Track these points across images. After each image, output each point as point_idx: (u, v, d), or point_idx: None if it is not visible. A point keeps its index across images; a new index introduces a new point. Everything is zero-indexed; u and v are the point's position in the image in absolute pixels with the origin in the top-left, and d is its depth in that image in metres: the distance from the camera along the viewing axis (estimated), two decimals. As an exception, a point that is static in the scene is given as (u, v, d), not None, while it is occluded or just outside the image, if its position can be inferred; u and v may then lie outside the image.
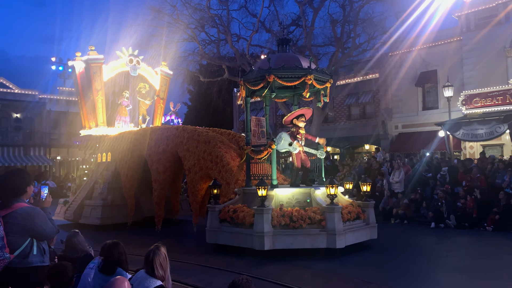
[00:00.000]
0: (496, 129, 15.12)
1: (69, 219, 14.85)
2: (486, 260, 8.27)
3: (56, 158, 36.09)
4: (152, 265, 3.44)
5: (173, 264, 8.69)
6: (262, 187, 8.87)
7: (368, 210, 10.01)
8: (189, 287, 6.92)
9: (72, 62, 15.93)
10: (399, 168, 14.71)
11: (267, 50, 24.70)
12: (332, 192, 8.99)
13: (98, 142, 15.47)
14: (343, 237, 8.88)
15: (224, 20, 23.25)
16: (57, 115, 35.84)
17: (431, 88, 23.07)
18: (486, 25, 19.49)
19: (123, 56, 16.42)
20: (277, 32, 23.16)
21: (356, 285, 6.89)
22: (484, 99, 16.56)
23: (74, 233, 5.15)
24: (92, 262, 4.45)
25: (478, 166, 13.73)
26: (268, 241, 8.72)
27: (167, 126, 13.49)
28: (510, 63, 18.95)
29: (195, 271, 8.03)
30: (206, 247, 10.04)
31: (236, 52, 23.49)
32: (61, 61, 38.18)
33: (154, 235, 12.58)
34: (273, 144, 9.83)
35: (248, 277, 3.04)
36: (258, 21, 23.03)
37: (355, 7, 21.67)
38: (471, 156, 17.05)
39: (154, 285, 3.35)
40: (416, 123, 23.16)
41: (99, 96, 15.38)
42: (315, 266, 7.94)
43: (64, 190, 28.74)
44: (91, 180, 15.32)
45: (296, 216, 8.91)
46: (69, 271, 3.73)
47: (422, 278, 7.20)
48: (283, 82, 9.95)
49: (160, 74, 17.55)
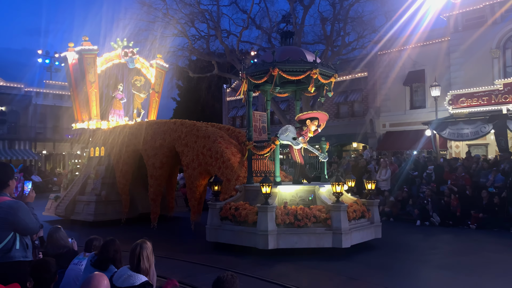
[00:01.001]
0: (481, 129, 15.26)
1: (60, 215, 14.38)
2: (469, 258, 8.41)
3: (42, 153, 35.47)
4: (138, 258, 3.41)
5: (173, 262, 8.44)
6: (266, 184, 8.57)
7: (372, 209, 9.78)
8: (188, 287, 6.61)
9: (65, 53, 15.39)
10: (386, 167, 14.72)
11: (257, 46, 24.80)
12: (338, 190, 8.73)
13: (92, 136, 14.99)
14: (349, 236, 8.63)
15: (214, 16, 23.15)
16: (44, 109, 35.22)
17: (419, 88, 23.33)
18: (473, 26, 19.79)
19: (117, 47, 15.93)
20: (267, 29, 23.50)
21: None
22: (470, 99, 16.81)
23: (56, 229, 5.05)
24: (77, 258, 4.39)
25: (463, 165, 13.85)
26: (272, 240, 8.43)
27: (164, 120, 13.10)
28: (496, 64, 19.22)
29: (197, 271, 7.71)
30: (206, 245, 9.71)
31: (226, 48, 23.37)
32: (48, 54, 37.61)
33: (150, 232, 12.21)
34: (277, 140, 9.54)
35: (233, 273, 3.02)
36: (248, 17, 22.97)
37: (345, 6, 21.87)
38: (456, 155, 17.29)
39: (139, 281, 3.29)
40: (403, 122, 23.38)
41: (92, 88, 14.90)
42: (323, 267, 7.65)
43: (50, 185, 28.33)
44: (84, 175, 14.86)
45: (301, 214, 8.63)
46: (52, 266, 3.64)
47: (411, 275, 7.25)
48: (288, 76, 9.63)
49: (155, 67, 17.09)
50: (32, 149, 34.23)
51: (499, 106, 15.83)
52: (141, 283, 3.31)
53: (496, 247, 9.40)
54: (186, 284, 6.57)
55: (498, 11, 18.97)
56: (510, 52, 19.30)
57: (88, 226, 13.07)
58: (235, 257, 8.48)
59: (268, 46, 23.90)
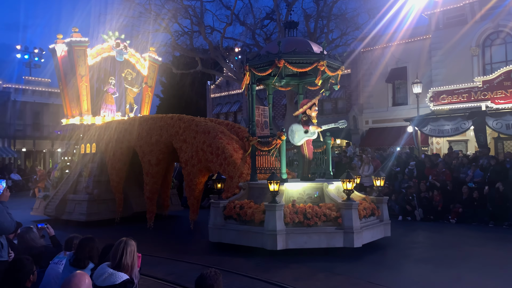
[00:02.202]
0: (461, 125, 15.57)
1: (50, 215, 13.72)
2: (449, 251, 8.57)
3: (22, 150, 34.46)
4: (122, 252, 3.32)
5: (176, 264, 7.96)
6: (274, 181, 8.13)
7: (381, 206, 9.43)
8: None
9: (53, 45, 14.65)
10: (368, 163, 14.69)
11: (241, 43, 24.83)
12: (349, 187, 8.34)
13: (83, 132, 14.32)
14: (361, 235, 8.26)
15: (198, 12, 22.97)
16: (23, 105, 34.30)
17: (401, 85, 23.60)
18: (454, 25, 20.15)
19: (108, 39, 15.26)
20: (251, 25, 23.51)
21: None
22: (451, 96, 16.92)
23: (27, 229, 4.95)
24: (57, 257, 4.31)
25: (444, 161, 13.95)
26: (281, 240, 8.00)
27: (161, 115, 12.52)
28: (476, 61, 19.56)
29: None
30: (208, 245, 9.25)
31: (209, 44, 23.21)
32: (27, 49, 36.76)
33: (147, 232, 11.72)
34: (283, 135, 9.10)
35: (216, 270, 2.99)
36: (232, 13, 22.87)
37: (328, 3, 21.99)
38: (437, 151, 17.42)
39: (120, 280, 3.21)
40: (386, 118, 23.60)
41: (83, 82, 14.22)
42: (339, 269, 7.21)
43: (30, 183, 27.60)
44: (75, 173, 14.20)
45: (311, 213, 8.23)
46: (26, 266, 3.58)
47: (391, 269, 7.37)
48: (294, 68, 9.20)
49: (148, 60, 16.47)
50: (11, 147, 33.32)
51: (478, 103, 15.99)
52: (122, 282, 3.20)
53: (475, 241, 9.56)
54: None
55: (478, 10, 19.31)
56: (489, 50, 19.66)
57: (80, 226, 12.47)
58: (241, 258, 8.02)
59: (252, 43, 23.99)
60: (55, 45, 14.58)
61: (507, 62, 18.46)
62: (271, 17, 24.51)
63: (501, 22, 18.98)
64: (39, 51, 36.52)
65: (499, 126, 14.84)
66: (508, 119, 14.58)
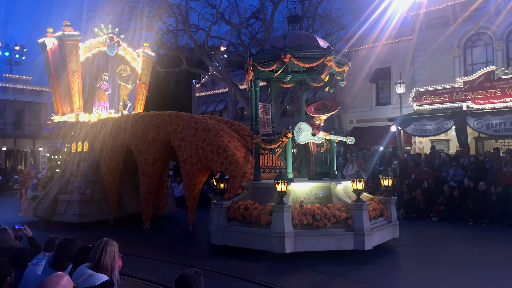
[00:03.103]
0: (443, 125, 15.81)
1: (39, 216, 13.13)
2: (430, 249, 8.62)
3: (2, 149, 33.56)
4: (101, 252, 3.26)
5: (179, 268, 7.52)
6: (282, 181, 7.75)
7: (390, 207, 9.13)
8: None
9: (43, 39, 14.03)
10: (353, 162, 14.64)
11: (227, 42, 24.91)
12: (359, 187, 8.02)
13: (74, 130, 13.75)
14: (371, 237, 7.94)
15: (183, 10, 22.83)
16: (3, 103, 33.38)
17: (385, 85, 23.90)
18: (436, 26, 20.48)
19: (101, 34, 14.70)
20: (237, 24, 23.59)
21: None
22: (433, 96, 17.11)
23: (1, 231, 4.78)
24: (36, 258, 4.20)
25: (426, 160, 14.12)
26: (289, 242, 7.63)
27: (157, 112, 12.04)
28: (457, 62, 19.93)
29: (207, 277, 6.81)
30: (209, 248, 8.84)
31: (195, 43, 23.10)
32: (8, 46, 35.82)
33: (143, 234, 11.24)
34: (289, 133, 8.73)
35: (197, 269, 2.96)
36: (217, 12, 22.87)
37: (313, 3, 22.29)
38: (420, 151, 17.62)
39: (99, 281, 3.15)
40: (370, 118, 23.86)
41: (75, 78, 13.63)
42: (354, 276, 6.81)
43: (11, 183, 26.83)
44: (66, 172, 13.61)
45: (319, 214, 7.87)
46: (3, 268, 3.50)
47: None
48: (300, 63, 8.86)
49: (142, 56, 15.94)
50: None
51: (459, 103, 16.18)
52: (101, 283, 3.14)
53: (455, 239, 9.69)
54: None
55: (460, 12, 19.65)
56: (470, 51, 20.03)
57: (72, 227, 11.94)
58: (248, 263, 7.62)
59: (238, 42, 24.06)
60: (45, 39, 13.96)
61: (487, 63, 18.75)
62: (257, 17, 24.71)
63: (482, 24, 19.33)
64: (20, 48, 35.62)
65: (480, 126, 15.11)
66: (488, 119, 14.87)
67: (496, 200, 11.49)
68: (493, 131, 14.87)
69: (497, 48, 18.95)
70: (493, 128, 14.79)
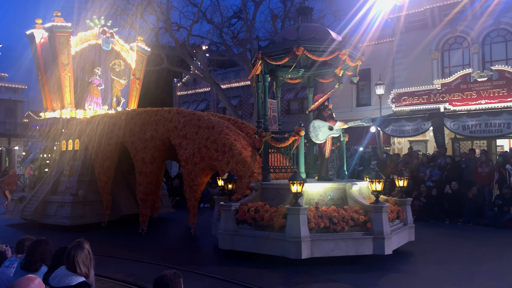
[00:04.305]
0: (421, 126, 15.94)
1: (27, 218, 12.38)
2: (407, 247, 8.45)
3: None
4: (73, 263, 3.22)
5: (186, 276, 6.96)
6: (297, 182, 7.25)
7: (405, 208, 8.71)
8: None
9: (31, 30, 13.24)
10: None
11: (208, 41, 24.91)
12: (378, 188, 7.57)
13: (65, 127, 12.99)
14: (391, 241, 7.49)
15: (164, 8, 22.59)
16: None
17: (365, 86, 24.01)
18: (415, 29, 20.83)
19: (93, 26, 13.96)
20: (219, 23, 23.56)
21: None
22: (412, 98, 17.41)
23: None
24: (9, 260, 4.18)
25: (404, 161, 14.37)
26: (305, 247, 7.12)
27: (156, 108, 11.40)
28: (435, 65, 20.24)
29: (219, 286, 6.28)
30: (217, 253, 8.26)
31: (176, 41, 22.86)
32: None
33: (140, 237, 10.59)
34: (302, 130, 8.24)
35: (176, 271, 2.95)
36: (199, 11, 22.73)
37: (295, 3, 22.21)
38: (399, 151, 17.92)
39: (76, 281, 3.17)
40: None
41: (66, 72, 12.88)
42: (384, 285, 6.38)
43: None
44: (56, 172, 12.87)
45: (336, 217, 7.39)
46: None
47: None
48: (313, 57, 8.37)
49: (136, 50, 15.24)
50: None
51: (437, 104, 16.49)
52: (77, 283, 3.17)
53: (432, 238, 9.73)
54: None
55: (438, 15, 19.96)
56: (448, 54, 20.38)
57: (63, 230, 11.23)
58: (262, 269, 7.07)
59: (220, 41, 23.92)
60: (33, 30, 13.18)
61: (464, 66, 19.07)
62: (239, 16, 24.66)
63: (459, 28, 19.66)
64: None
65: (456, 127, 15.38)
66: (464, 120, 15.10)
67: (471, 199, 11.71)
68: (469, 132, 15.18)
69: (473, 51, 19.36)
70: (469, 129, 15.10)
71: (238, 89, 30.06)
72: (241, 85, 29.69)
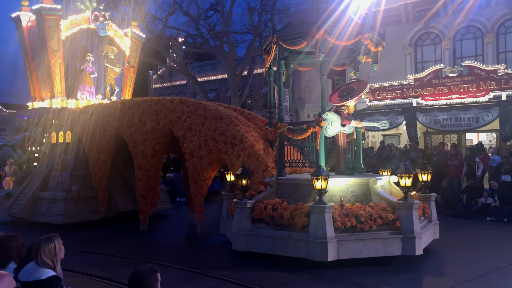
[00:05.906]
0: (395, 120, 16.08)
1: (16, 216, 11.51)
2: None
3: None
4: (38, 256, 3.24)
5: (202, 279, 6.32)
6: (322, 177, 6.61)
7: (430, 204, 8.18)
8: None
9: (17, 13, 12.25)
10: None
11: (184, 33, 24.57)
12: (408, 183, 6.98)
13: (55, 118, 12.09)
14: (421, 240, 6.94)
15: None
16: None
17: (340, 80, 23.99)
18: (390, 24, 20.68)
19: (85, 9, 13.01)
20: (195, 16, 23.19)
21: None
22: (385, 93, 17.62)
23: None
24: None
25: (377, 154, 14.64)
26: (331, 249, 6.51)
27: (157, 98, 10.60)
28: (409, 60, 20.57)
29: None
30: (231, 255, 7.59)
31: (151, 33, 22.34)
32: None
33: (142, 235, 9.87)
34: (322, 121, 7.60)
35: (153, 266, 2.86)
36: (174, 2, 22.39)
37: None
38: (373, 145, 18.21)
39: (46, 275, 3.15)
40: None
41: (56, 58, 11.94)
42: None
43: None
44: (46, 166, 11.98)
45: (364, 215, 6.79)
46: None
47: None
48: (334, 41, 7.69)
49: (130, 36, 14.34)
50: None
51: (410, 99, 16.73)
52: (47, 278, 3.17)
53: None
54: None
55: (411, 11, 20.14)
56: (420, 50, 20.62)
57: (57, 229, 10.37)
58: (285, 273, 6.44)
59: (196, 33, 23.56)
60: (19, 12, 12.19)
61: (436, 61, 19.29)
62: (215, 8, 24.26)
63: (431, 24, 19.84)
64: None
65: (428, 121, 15.62)
66: (436, 114, 15.36)
67: (442, 191, 11.73)
68: (440, 126, 15.41)
69: (444, 47, 19.56)
70: (440, 123, 15.33)
71: (215, 82, 29.47)
72: (218, 78, 29.16)
